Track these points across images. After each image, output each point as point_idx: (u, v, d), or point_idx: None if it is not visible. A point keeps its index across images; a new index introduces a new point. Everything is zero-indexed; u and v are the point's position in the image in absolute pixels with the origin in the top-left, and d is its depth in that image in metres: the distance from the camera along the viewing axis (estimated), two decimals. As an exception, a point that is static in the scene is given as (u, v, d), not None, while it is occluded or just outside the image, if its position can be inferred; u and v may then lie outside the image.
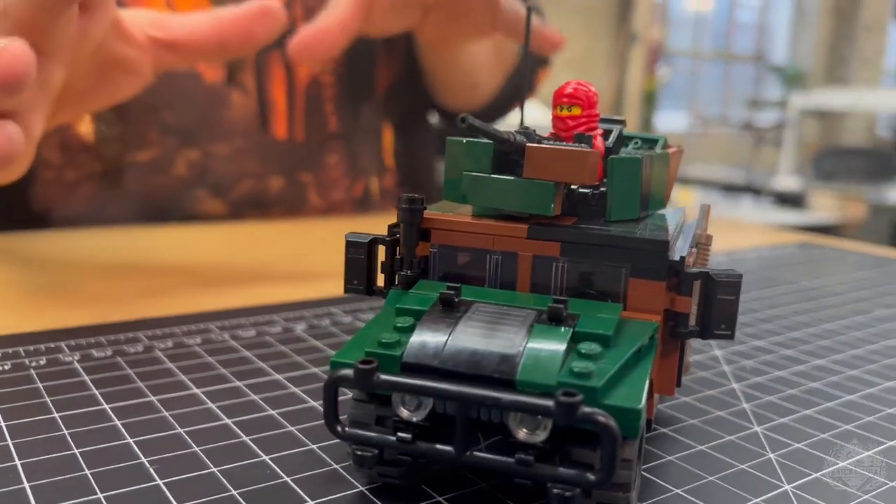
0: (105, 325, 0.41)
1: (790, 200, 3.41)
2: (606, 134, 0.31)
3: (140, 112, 0.67)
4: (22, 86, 0.37)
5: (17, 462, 0.27)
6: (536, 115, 0.52)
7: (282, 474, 0.27)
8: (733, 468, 0.29)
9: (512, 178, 0.27)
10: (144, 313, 0.43)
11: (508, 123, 0.63)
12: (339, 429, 0.23)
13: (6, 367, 0.35)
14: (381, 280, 0.30)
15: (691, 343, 0.34)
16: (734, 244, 0.72)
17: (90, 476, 0.26)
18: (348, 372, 0.22)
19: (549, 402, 0.21)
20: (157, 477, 0.26)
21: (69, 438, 0.29)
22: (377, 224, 0.33)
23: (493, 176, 0.27)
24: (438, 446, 0.23)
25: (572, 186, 0.28)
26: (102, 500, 0.25)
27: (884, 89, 4.95)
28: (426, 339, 0.24)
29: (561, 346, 0.23)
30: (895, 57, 5.36)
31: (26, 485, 0.25)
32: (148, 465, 0.27)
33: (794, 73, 4.89)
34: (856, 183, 3.53)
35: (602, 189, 0.28)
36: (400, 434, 0.23)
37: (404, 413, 0.23)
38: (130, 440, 0.29)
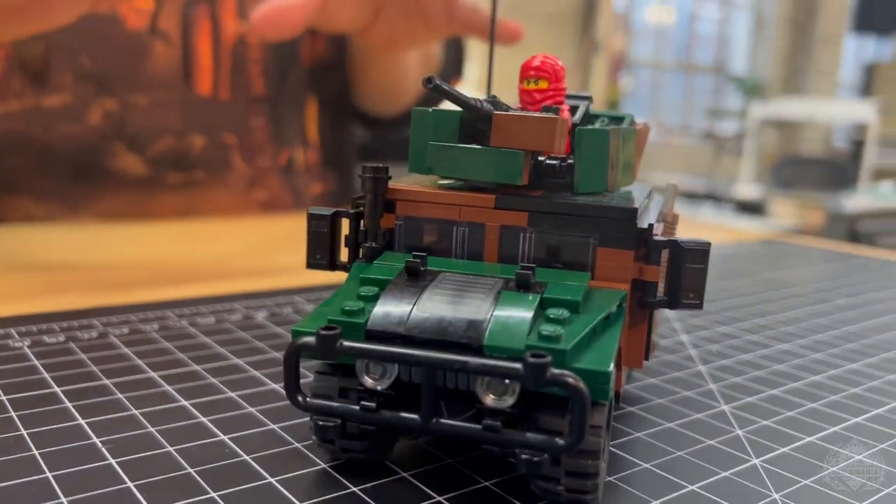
0: (57, 313, 0.40)
1: (750, 208, 3.46)
2: (573, 110, 0.31)
3: (52, 52, 0.62)
4: None
5: (-39, 442, 0.26)
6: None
7: (241, 453, 0.26)
8: (701, 444, 0.29)
9: (479, 147, 0.26)
10: (99, 302, 0.42)
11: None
12: (300, 399, 0.23)
13: (-49, 352, 0.34)
14: (344, 255, 0.29)
15: (658, 322, 0.33)
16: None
17: (38, 456, 0.25)
18: (310, 339, 0.22)
19: (518, 365, 0.20)
20: (109, 456, 0.25)
21: (16, 420, 0.27)
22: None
23: (459, 145, 0.26)
24: (403, 414, 0.22)
25: (539, 157, 0.28)
26: (51, 478, 0.24)
27: (839, 100, 5.06)
28: (391, 307, 0.23)
29: (529, 312, 0.22)
30: (850, 69, 5.49)
31: (-31, 465, 0.24)
32: (100, 445, 0.26)
33: (752, 84, 4.97)
34: (814, 191, 3.60)
35: (569, 161, 0.28)
36: (364, 403, 0.22)
37: (368, 382, 0.23)
38: (82, 421, 0.28)
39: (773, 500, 0.25)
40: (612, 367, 0.21)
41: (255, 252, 0.60)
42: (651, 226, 0.26)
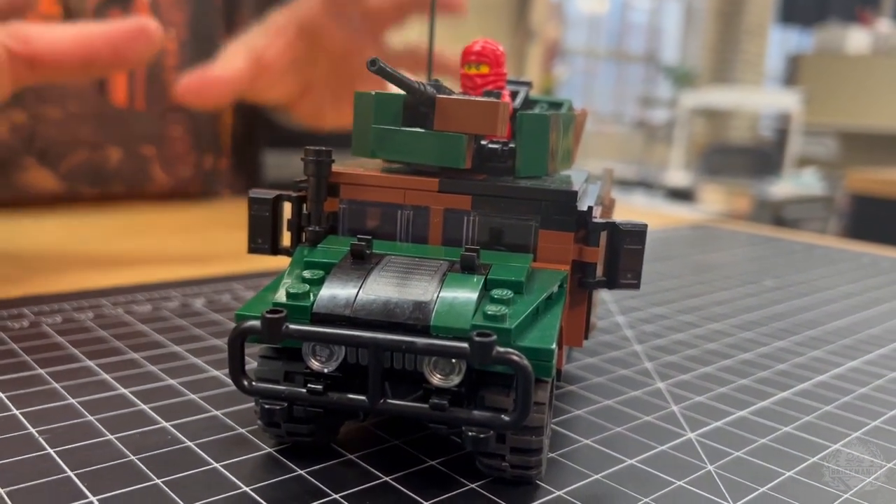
0: (-14, 302, 0.38)
1: (681, 195, 3.55)
2: (513, 95, 0.31)
3: None
4: None
5: None
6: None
7: (184, 439, 0.26)
8: (639, 420, 0.29)
9: (423, 130, 0.26)
10: (28, 291, 0.41)
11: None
12: (246, 383, 0.22)
13: None
14: (287, 239, 0.29)
15: (596, 303, 0.34)
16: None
17: (-29, 447, 0.24)
18: (255, 323, 0.22)
19: (464, 344, 0.20)
20: (47, 446, 0.25)
21: (-53, 412, 0.27)
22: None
23: (402, 129, 0.26)
24: (351, 396, 0.22)
25: (482, 142, 0.28)
26: (-14, 470, 0.23)
27: (765, 90, 5.21)
28: (337, 289, 0.23)
29: (474, 293, 0.23)
30: (775, 59, 5.66)
31: None
32: (37, 435, 0.25)
33: (683, 73, 5.07)
34: (741, 178, 3.71)
35: (511, 145, 0.28)
36: (310, 385, 0.22)
37: (315, 365, 0.23)
38: (16, 411, 0.27)
39: (707, 471, 0.26)
40: (554, 345, 0.22)
41: (193, 240, 0.59)
42: (591, 208, 0.26)
